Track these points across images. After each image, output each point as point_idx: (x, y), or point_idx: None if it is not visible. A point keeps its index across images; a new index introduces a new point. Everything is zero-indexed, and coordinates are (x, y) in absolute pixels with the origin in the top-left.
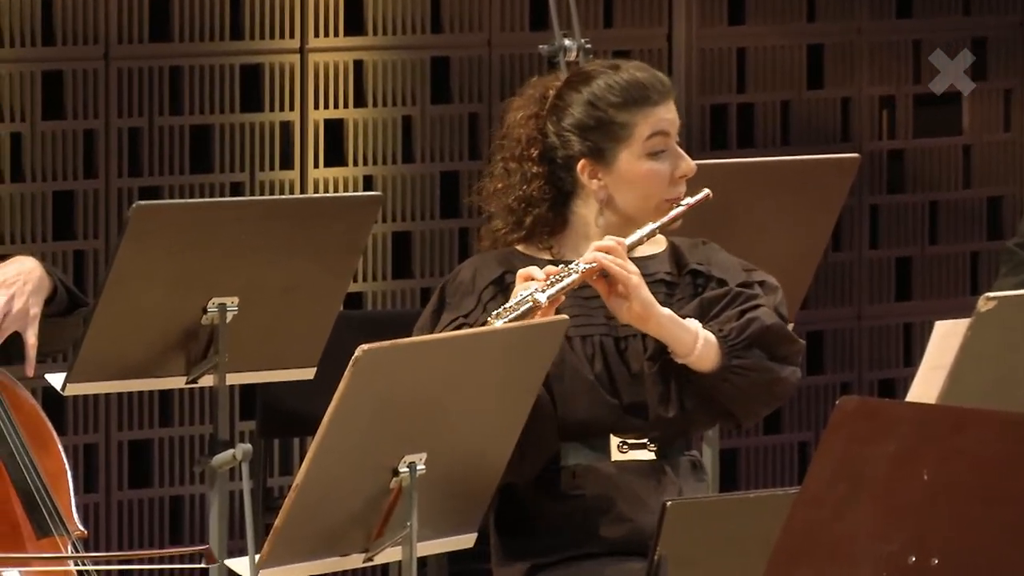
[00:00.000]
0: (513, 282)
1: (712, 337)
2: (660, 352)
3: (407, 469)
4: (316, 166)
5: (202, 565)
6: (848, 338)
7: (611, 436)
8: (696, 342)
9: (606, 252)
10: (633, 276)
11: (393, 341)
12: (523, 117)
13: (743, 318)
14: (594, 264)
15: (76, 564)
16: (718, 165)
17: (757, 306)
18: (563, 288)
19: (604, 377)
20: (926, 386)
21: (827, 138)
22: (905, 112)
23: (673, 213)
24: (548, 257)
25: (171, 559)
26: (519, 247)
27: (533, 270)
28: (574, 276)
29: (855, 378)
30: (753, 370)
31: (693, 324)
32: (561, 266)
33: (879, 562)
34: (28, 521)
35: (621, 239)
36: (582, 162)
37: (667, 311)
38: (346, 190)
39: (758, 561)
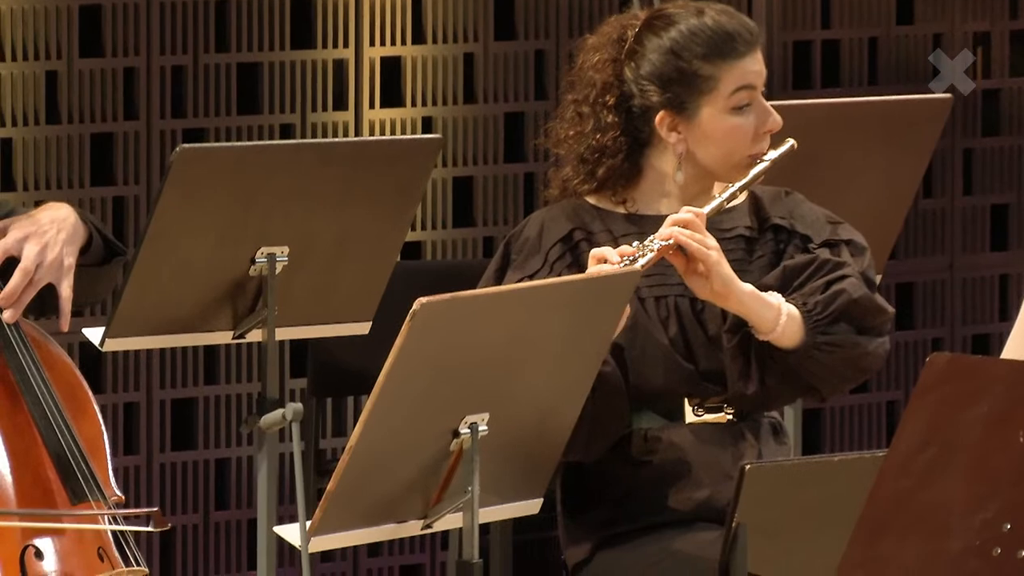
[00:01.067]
0: (582, 239)
1: (795, 312)
2: (739, 324)
3: (468, 430)
4: (372, 107)
5: (150, 528)
6: (940, 290)
7: (686, 398)
8: (779, 318)
9: (684, 226)
10: (712, 253)
11: (453, 294)
12: (599, 61)
13: (829, 290)
14: (670, 241)
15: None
16: (801, 106)
17: (843, 276)
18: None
19: (679, 341)
20: (1023, 342)
21: (918, 77)
22: (1001, 49)
23: (755, 171)
24: (621, 211)
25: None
26: (590, 199)
27: (607, 251)
28: (650, 255)
29: (947, 333)
30: (839, 346)
31: (775, 299)
32: (636, 244)
33: (971, 531)
34: (63, 486)
35: (699, 210)
36: (661, 114)
37: (748, 287)
38: (403, 132)
39: (843, 529)
